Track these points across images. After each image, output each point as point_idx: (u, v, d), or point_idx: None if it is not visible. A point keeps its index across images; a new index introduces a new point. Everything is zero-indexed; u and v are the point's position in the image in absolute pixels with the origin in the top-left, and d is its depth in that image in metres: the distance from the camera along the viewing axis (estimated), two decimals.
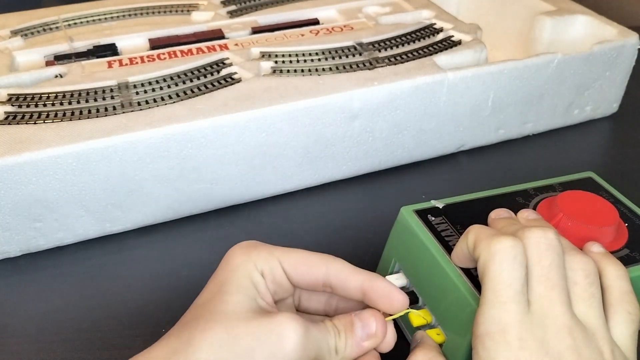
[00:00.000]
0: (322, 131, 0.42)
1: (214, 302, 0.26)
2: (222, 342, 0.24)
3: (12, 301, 0.37)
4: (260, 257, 0.27)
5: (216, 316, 0.25)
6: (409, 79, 0.43)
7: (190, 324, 0.25)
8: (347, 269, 0.28)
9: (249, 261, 0.27)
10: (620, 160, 0.50)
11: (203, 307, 0.26)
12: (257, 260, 0.27)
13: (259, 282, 0.27)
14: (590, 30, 0.53)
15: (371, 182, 0.47)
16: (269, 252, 0.28)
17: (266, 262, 0.27)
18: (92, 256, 0.40)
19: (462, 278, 0.28)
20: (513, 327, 0.24)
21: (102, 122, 0.38)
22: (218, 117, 0.39)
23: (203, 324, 0.25)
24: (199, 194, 0.41)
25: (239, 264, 0.27)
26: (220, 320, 0.25)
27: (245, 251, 0.28)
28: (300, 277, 0.28)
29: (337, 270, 0.28)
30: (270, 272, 0.27)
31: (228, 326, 0.24)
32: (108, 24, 0.54)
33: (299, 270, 0.28)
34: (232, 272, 0.27)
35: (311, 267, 0.28)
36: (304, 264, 0.28)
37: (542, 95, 0.49)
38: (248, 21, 0.55)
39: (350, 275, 0.28)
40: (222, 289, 0.26)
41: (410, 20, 0.55)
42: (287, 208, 0.44)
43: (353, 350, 0.27)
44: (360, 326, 0.28)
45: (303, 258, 0.28)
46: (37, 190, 0.37)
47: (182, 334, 0.25)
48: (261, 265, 0.27)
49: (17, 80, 0.44)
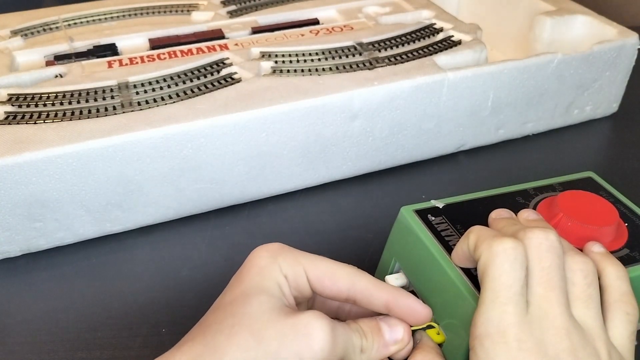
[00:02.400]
0: (322, 131, 0.42)
1: (237, 304, 0.25)
2: (248, 346, 0.24)
3: (12, 301, 0.37)
4: (285, 262, 0.27)
5: (241, 319, 0.24)
6: (409, 79, 0.43)
7: (214, 327, 0.25)
8: (373, 285, 0.27)
9: (274, 263, 0.27)
10: (620, 160, 0.50)
11: (227, 310, 0.25)
12: (282, 264, 0.27)
13: (283, 284, 0.26)
14: (590, 30, 0.53)
15: (371, 182, 0.47)
16: (295, 259, 0.27)
17: (291, 267, 0.27)
18: (92, 256, 0.40)
19: (462, 278, 0.28)
20: (512, 329, 0.24)
21: (102, 122, 0.38)
22: (218, 117, 0.39)
23: (229, 329, 0.24)
24: (199, 194, 0.41)
25: (264, 265, 0.27)
26: (245, 324, 0.24)
27: (270, 254, 0.27)
28: (323, 289, 0.27)
29: (363, 287, 0.27)
30: (294, 279, 0.27)
31: (254, 329, 0.24)
32: (108, 24, 0.54)
33: (324, 283, 0.27)
34: (257, 274, 0.26)
35: (336, 281, 0.27)
36: (330, 277, 0.27)
37: (542, 95, 0.49)
38: (248, 21, 0.55)
39: (375, 292, 0.27)
40: (246, 290, 0.26)
41: (410, 20, 0.55)
42: (287, 208, 0.44)
43: (380, 352, 0.27)
44: (387, 330, 0.27)
45: (329, 270, 0.27)
46: (37, 190, 0.37)
47: (206, 338, 0.24)
48: (286, 269, 0.27)
49: (17, 80, 0.44)
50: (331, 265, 0.27)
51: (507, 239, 0.26)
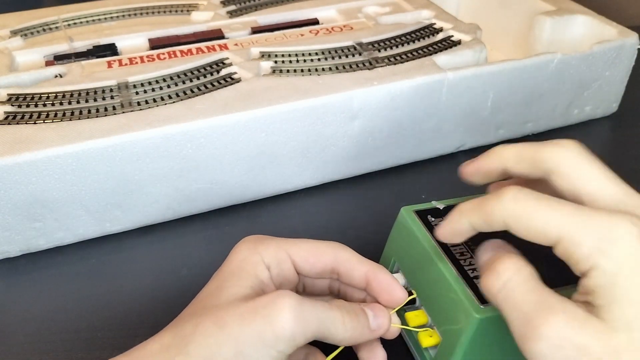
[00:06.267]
0: (322, 131, 0.42)
1: (210, 297, 0.26)
2: (211, 332, 0.24)
3: (12, 301, 0.37)
4: (268, 251, 0.27)
5: (209, 310, 0.25)
6: (409, 79, 0.43)
7: (185, 319, 0.25)
8: (354, 257, 0.28)
9: (254, 254, 0.27)
10: (620, 160, 0.50)
11: (200, 303, 0.26)
12: (264, 253, 0.27)
13: (262, 274, 0.27)
14: (590, 30, 0.53)
15: (371, 182, 0.47)
16: (277, 245, 0.28)
17: (274, 253, 0.27)
18: (92, 256, 0.40)
19: (459, 280, 0.28)
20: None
21: (102, 122, 0.38)
22: (218, 117, 0.39)
23: (196, 319, 0.25)
24: (198, 194, 0.41)
25: (243, 258, 0.27)
26: (211, 313, 0.25)
27: (251, 245, 0.28)
28: (310, 268, 0.28)
29: (345, 258, 0.28)
30: (278, 264, 0.27)
31: (218, 317, 0.24)
32: (108, 24, 0.54)
33: (310, 261, 0.28)
34: (236, 267, 0.27)
35: (320, 256, 0.28)
36: (314, 254, 0.28)
37: (542, 95, 0.49)
38: (248, 21, 0.55)
39: (356, 264, 0.28)
40: (221, 283, 0.26)
41: (410, 20, 0.55)
42: (287, 208, 0.44)
43: (363, 331, 0.27)
44: (371, 314, 0.28)
45: (313, 248, 0.28)
46: (37, 190, 0.37)
47: (176, 329, 0.25)
48: (269, 259, 0.27)
49: (17, 80, 0.44)
50: (314, 243, 0.28)
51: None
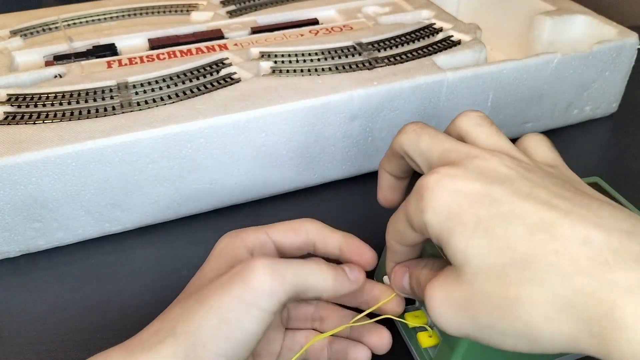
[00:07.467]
0: (322, 131, 0.42)
1: (193, 284, 0.28)
2: (193, 308, 0.25)
3: (12, 301, 0.37)
4: (249, 236, 0.29)
5: (192, 293, 0.27)
6: (409, 79, 0.43)
7: (172, 306, 0.27)
8: (327, 228, 0.31)
9: (236, 240, 0.29)
10: (620, 160, 0.50)
11: (186, 291, 0.28)
12: (246, 239, 0.29)
13: (243, 256, 0.28)
14: (590, 30, 0.53)
15: (371, 182, 0.47)
16: (258, 229, 0.30)
17: (256, 237, 0.29)
18: (91, 256, 0.40)
19: None
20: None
21: (101, 122, 0.38)
22: (218, 117, 0.39)
23: (182, 303, 0.26)
24: (198, 194, 0.41)
25: (224, 245, 0.29)
26: (194, 294, 0.26)
27: (233, 233, 0.30)
28: (290, 242, 0.30)
29: (319, 229, 0.30)
30: (261, 247, 0.29)
31: (199, 295, 0.25)
32: (107, 24, 0.54)
33: (289, 235, 0.30)
34: (217, 253, 0.29)
35: (298, 230, 0.30)
36: (292, 229, 0.30)
37: (542, 95, 0.49)
38: (247, 21, 0.55)
39: (329, 233, 0.30)
40: (203, 270, 0.29)
41: (409, 20, 0.55)
42: (287, 208, 0.44)
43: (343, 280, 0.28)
44: (347, 269, 0.29)
45: (289, 225, 0.30)
46: (37, 191, 0.37)
47: (164, 315, 0.26)
48: (251, 243, 0.29)
49: (17, 81, 0.44)
50: (287, 222, 0.31)
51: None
